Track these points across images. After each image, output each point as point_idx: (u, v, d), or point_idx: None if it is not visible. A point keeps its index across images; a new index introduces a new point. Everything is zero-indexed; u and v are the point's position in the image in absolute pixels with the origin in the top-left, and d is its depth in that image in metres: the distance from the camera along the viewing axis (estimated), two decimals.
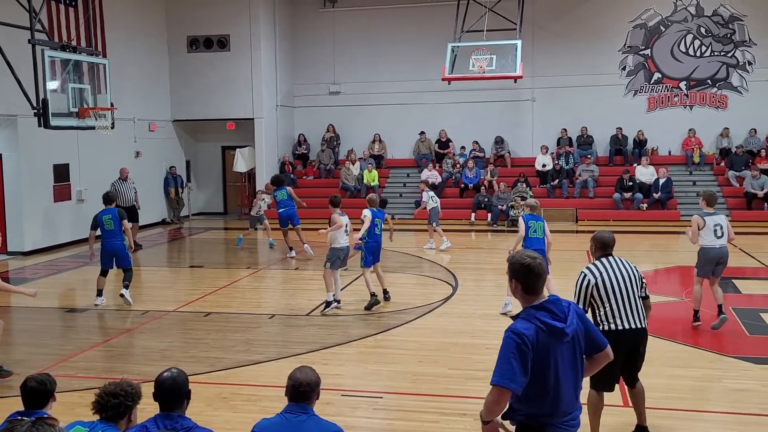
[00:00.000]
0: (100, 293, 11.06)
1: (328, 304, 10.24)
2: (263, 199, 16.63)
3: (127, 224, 11.28)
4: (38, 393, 4.13)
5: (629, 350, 5.51)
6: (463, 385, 7.19)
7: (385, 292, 10.82)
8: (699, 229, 8.84)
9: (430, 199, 15.74)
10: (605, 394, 5.68)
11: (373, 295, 10.34)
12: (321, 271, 10.42)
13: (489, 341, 8.64)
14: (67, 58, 12.71)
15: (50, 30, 14.92)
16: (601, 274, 5.54)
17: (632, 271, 5.60)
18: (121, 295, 10.82)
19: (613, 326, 5.47)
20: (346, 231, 10.26)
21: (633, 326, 5.50)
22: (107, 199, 11.30)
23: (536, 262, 3.71)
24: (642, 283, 5.65)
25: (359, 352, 8.49)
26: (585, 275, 5.56)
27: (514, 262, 3.76)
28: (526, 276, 3.70)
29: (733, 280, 11.94)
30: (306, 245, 14.59)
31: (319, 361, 7.88)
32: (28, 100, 12.31)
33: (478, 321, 9.72)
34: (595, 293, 5.51)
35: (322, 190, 21.13)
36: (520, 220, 10.34)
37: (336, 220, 10.25)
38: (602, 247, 5.71)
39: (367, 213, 10.38)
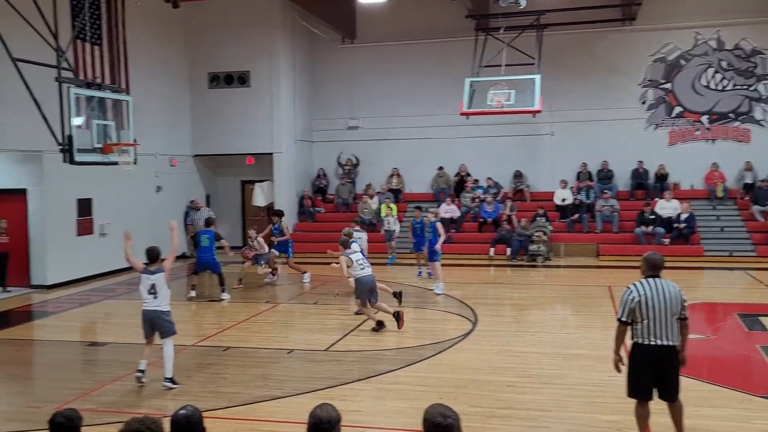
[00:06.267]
0: (193, 287, 14.61)
1: None
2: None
3: (224, 242, 15.04)
4: (65, 429, 4.11)
5: (662, 366, 6.06)
6: (485, 423, 7.08)
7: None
8: None
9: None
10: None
11: None
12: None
13: (509, 378, 8.56)
14: (91, 95, 12.94)
15: (76, 68, 15.20)
16: (645, 292, 6.04)
17: (675, 294, 6.05)
18: (221, 299, 14.14)
19: (647, 341, 6.02)
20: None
21: (665, 343, 6.01)
22: (207, 222, 15.12)
23: (448, 421, 3.69)
24: (683, 305, 6.08)
25: (378, 388, 8.40)
26: (631, 291, 6.11)
27: (427, 420, 3.74)
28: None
29: (760, 318, 11.73)
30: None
31: (337, 397, 7.82)
32: (54, 136, 12.51)
33: (497, 357, 9.61)
34: (636, 308, 6.02)
35: (340, 224, 21.19)
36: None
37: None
38: (650, 268, 6.22)
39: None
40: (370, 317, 11.28)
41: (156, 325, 8.59)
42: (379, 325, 11.13)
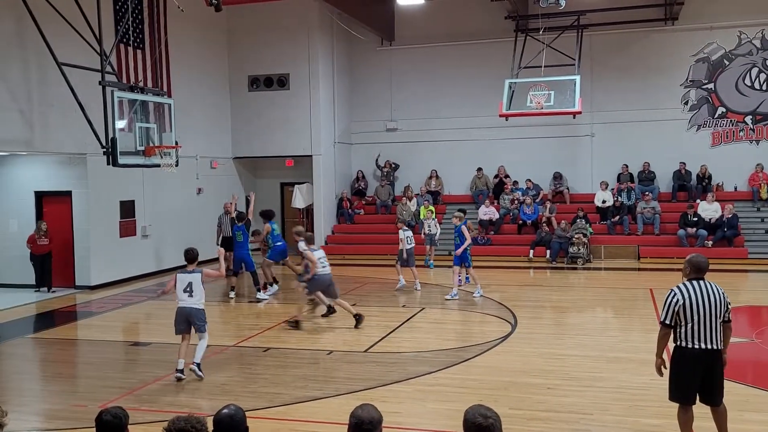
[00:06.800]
0: (232, 289, 14.72)
1: None
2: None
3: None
4: (112, 427, 4.17)
5: (706, 369, 5.94)
6: (525, 426, 7.03)
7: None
8: None
9: (407, 239, 15.07)
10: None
11: None
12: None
13: (550, 381, 8.48)
14: (134, 99, 13.19)
15: (119, 72, 15.54)
16: (689, 295, 5.93)
17: (719, 297, 5.94)
18: (258, 300, 14.25)
19: (691, 345, 5.92)
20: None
21: (710, 347, 5.90)
22: (239, 217, 14.88)
23: (488, 421, 3.64)
24: (727, 308, 5.99)
25: (418, 389, 8.39)
26: (675, 294, 6.00)
27: (467, 420, 3.70)
28: None
29: None
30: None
31: (377, 398, 7.82)
32: (98, 138, 12.81)
33: (537, 360, 9.53)
34: (680, 311, 5.93)
35: (379, 226, 21.26)
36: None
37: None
38: (695, 271, 6.07)
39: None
40: (323, 303, 12.24)
41: (192, 320, 8.97)
42: (329, 311, 12.23)
